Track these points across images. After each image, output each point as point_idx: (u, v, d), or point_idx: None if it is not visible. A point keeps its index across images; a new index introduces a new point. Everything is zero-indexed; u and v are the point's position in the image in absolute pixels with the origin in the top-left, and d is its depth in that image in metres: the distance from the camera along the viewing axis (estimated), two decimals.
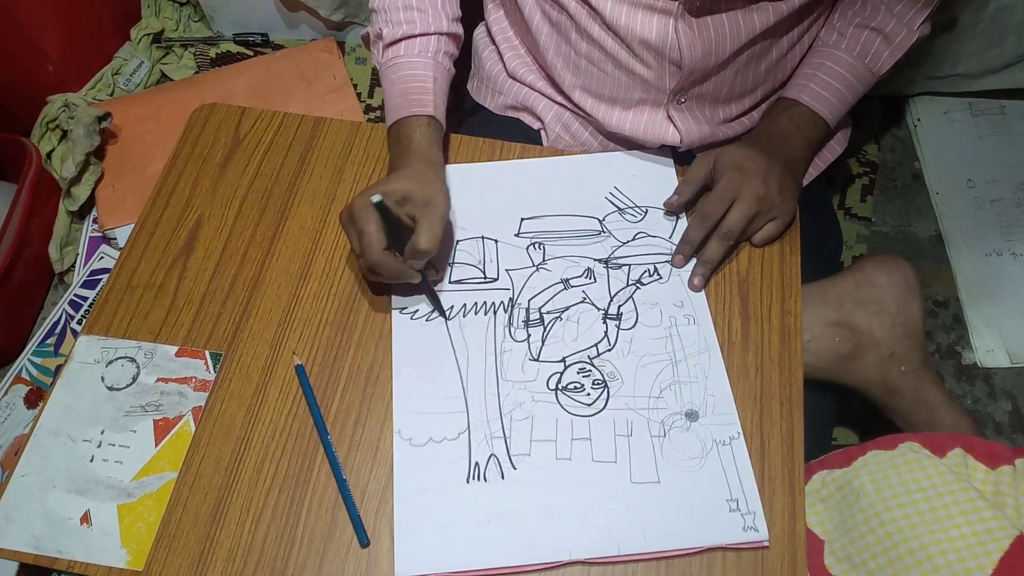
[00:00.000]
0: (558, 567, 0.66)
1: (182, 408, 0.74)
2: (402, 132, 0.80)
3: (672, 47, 0.77)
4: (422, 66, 0.82)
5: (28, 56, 1.18)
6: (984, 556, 0.62)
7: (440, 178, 0.77)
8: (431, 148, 0.79)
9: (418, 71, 0.82)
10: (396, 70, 0.83)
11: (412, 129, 0.79)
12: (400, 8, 0.83)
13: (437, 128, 0.81)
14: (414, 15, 0.83)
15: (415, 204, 0.73)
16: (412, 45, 0.83)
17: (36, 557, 0.67)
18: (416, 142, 0.78)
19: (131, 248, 0.83)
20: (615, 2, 0.76)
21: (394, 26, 0.83)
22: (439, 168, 0.79)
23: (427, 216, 0.72)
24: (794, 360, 0.75)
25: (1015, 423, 1.09)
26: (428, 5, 0.84)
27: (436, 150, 0.80)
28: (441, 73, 0.84)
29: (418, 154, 0.78)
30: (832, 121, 0.83)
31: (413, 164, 0.77)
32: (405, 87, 0.81)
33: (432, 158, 0.78)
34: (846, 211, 1.26)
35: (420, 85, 0.81)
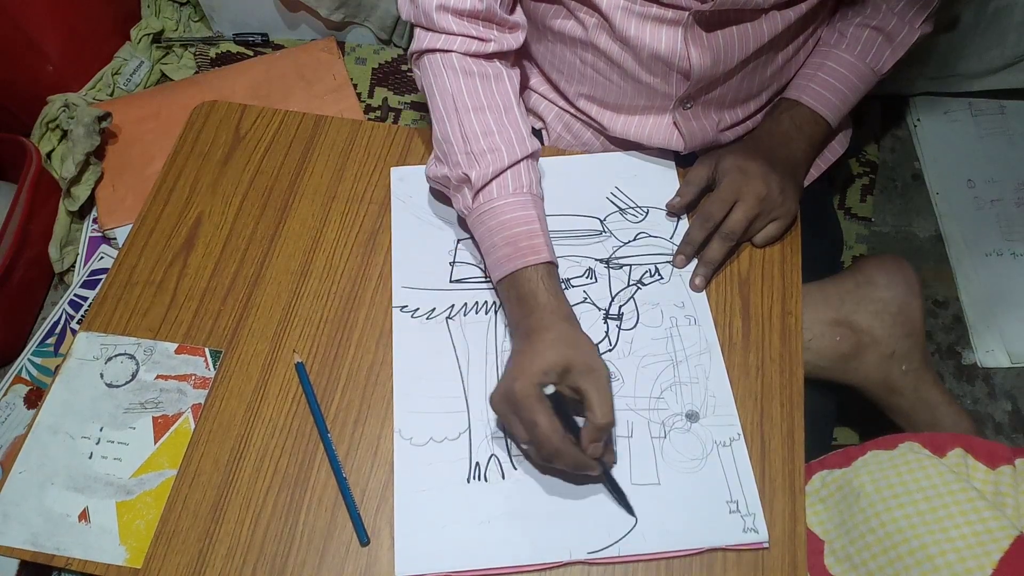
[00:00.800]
0: (558, 567, 0.66)
1: (181, 405, 0.73)
2: (522, 287, 0.71)
3: (681, 58, 0.76)
4: (522, 205, 0.74)
5: (28, 56, 1.18)
6: (984, 556, 0.62)
7: (584, 335, 0.70)
8: (560, 301, 0.71)
9: (519, 212, 0.74)
10: (493, 216, 0.74)
11: (533, 283, 0.71)
12: (479, 136, 0.75)
13: (556, 275, 0.73)
14: (496, 140, 0.74)
15: (576, 373, 0.66)
16: (504, 184, 0.74)
17: (34, 554, 0.67)
18: (543, 298, 0.70)
19: (131, 245, 0.83)
20: (624, 13, 0.75)
21: (479, 163, 0.74)
22: (577, 323, 0.71)
23: (595, 386, 0.65)
24: (795, 360, 0.75)
25: (1015, 423, 1.09)
26: (507, 125, 0.76)
27: (564, 302, 0.72)
28: (541, 209, 0.76)
29: (551, 312, 0.70)
30: (834, 121, 0.83)
31: (552, 326, 0.69)
32: (509, 234, 0.73)
33: (566, 312, 0.71)
34: (846, 211, 1.26)
35: (527, 229, 0.73)
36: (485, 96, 0.76)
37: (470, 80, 0.76)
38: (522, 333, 0.70)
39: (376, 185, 0.86)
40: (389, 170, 0.87)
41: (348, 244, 0.82)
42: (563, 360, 0.66)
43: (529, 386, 0.65)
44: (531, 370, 0.66)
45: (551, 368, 0.66)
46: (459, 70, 0.76)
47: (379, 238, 0.83)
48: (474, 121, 0.75)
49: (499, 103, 0.76)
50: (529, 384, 0.65)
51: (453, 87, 0.76)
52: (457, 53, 0.76)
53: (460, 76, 0.76)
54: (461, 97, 0.76)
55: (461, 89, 0.76)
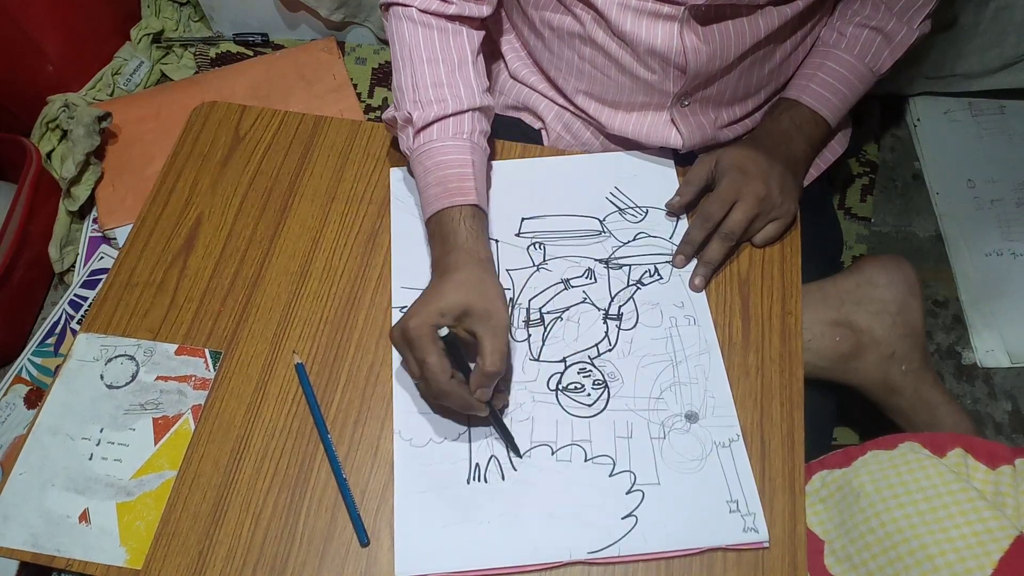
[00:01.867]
0: (558, 567, 0.66)
1: (181, 406, 0.73)
2: (445, 226, 0.73)
3: (677, 53, 0.77)
4: (458, 149, 0.76)
5: (28, 56, 1.18)
6: (984, 556, 0.62)
7: (494, 278, 0.71)
8: (478, 243, 0.73)
9: (454, 155, 0.76)
10: (430, 156, 0.76)
11: (456, 222, 0.73)
12: (429, 86, 0.77)
13: (481, 218, 0.75)
14: (444, 92, 0.77)
15: (475, 318, 0.67)
16: (445, 127, 0.77)
17: (35, 555, 0.67)
18: (462, 238, 0.72)
19: (131, 246, 0.83)
20: (620, 8, 0.75)
21: (424, 107, 0.76)
22: (490, 265, 0.72)
23: (490, 332, 0.66)
24: (795, 360, 0.75)
25: (1015, 423, 1.09)
26: (458, 79, 0.78)
27: (484, 244, 0.74)
28: (479, 155, 0.78)
29: (467, 252, 0.71)
30: (833, 121, 0.84)
31: (464, 266, 0.70)
32: (442, 174, 0.75)
33: (482, 255, 0.72)
34: (846, 211, 1.26)
35: (459, 171, 0.75)
36: (440, 49, 0.79)
37: (427, 32, 0.79)
38: (437, 271, 0.73)
39: (376, 185, 0.86)
40: (389, 170, 0.87)
41: (348, 245, 0.82)
42: (463, 302, 0.67)
43: (423, 325, 0.66)
44: (429, 309, 0.67)
45: (448, 310, 0.67)
46: (417, 22, 0.79)
47: (379, 238, 0.83)
48: (426, 72, 0.78)
49: (453, 57, 0.79)
50: (424, 323, 0.66)
51: (410, 37, 0.79)
52: (416, 8, 0.79)
53: (418, 27, 0.79)
54: (416, 48, 0.78)
55: (417, 40, 0.78)
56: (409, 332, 0.67)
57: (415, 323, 0.67)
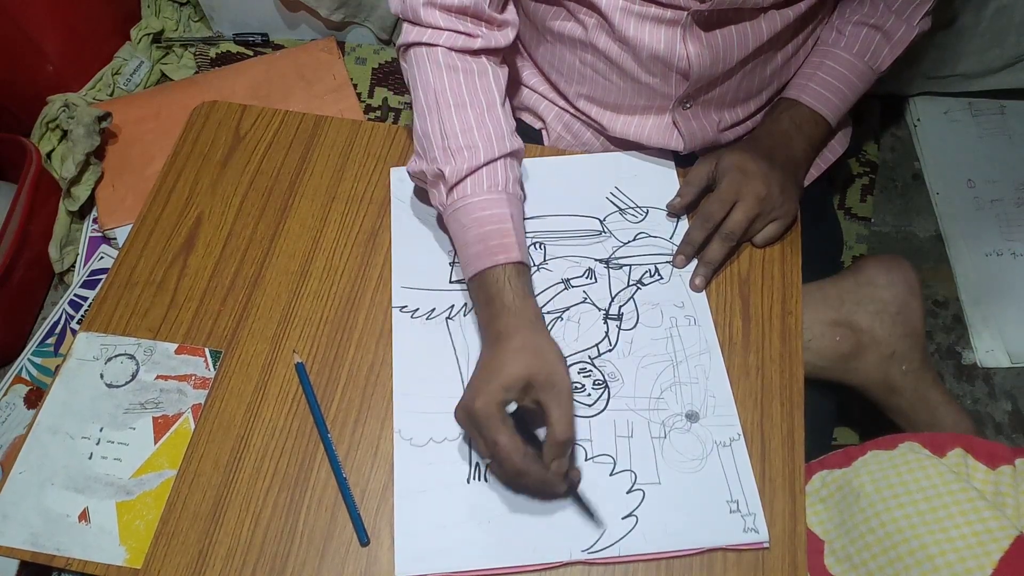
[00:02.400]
0: (558, 567, 0.66)
1: (181, 406, 0.73)
2: (490, 287, 0.70)
3: (680, 58, 0.76)
4: (495, 203, 0.72)
5: (28, 56, 1.18)
6: (984, 556, 0.62)
7: (548, 340, 0.68)
8: (526, 303, 0.70)
9: (492, 210, 0.72)
10: (467, 213, 0.72)
11: (500, 283, 0.70)
12: (458, 133, 0.73)
13: (526, 274, 0.72)
14: (474, 138, 0.73)
15: (538, 388, 0.65)
16: (479, 181, 0.73)
17: (34, 554, 0.67)
18: (508, 299, 0.69)
19: (131, 245, 0.83)
20: (623, 14, 0.75)
21: (455, 158, 0.73)
22: (541, 324, 0.70)
23: (556, 401, 0.64)
24: (795, 361, 0.75)
25: (1015, 423, 1.09)
26: (488, 123, 0.74)
27: (532, 303, 0.70)
28: (516, 207, 0.74)
29: (516, 316, 0.68)
30: (833, 120, 0.84)
31: (516, 332, 0.67)
32: (481, 231, 0.71)
33: (531, 315, 0.69)
34: (846, 211, 1.26)
35: (498, 227, 0.72)
36: (468, 92, 0.75)
37: (454, 75, 0.75)
38: (489, 338, 0.69)
39: (376, 185, 0.86)
40: (389, 170, 0.87)
41: (348, 244, 0.82)
42: (525, 374, 0.65)
43: (491, 404, 0.64)
44: (492, 387, 0.64)
45: (512, 384, 0.64)
46: (443, 65, 0.75)
47: (379, 238, 0.83)
48: (454, 117, 0.74)
49: (481, 100, 0.75)
50: (491, 402, 0.64)
51: (436, 82, 0.75)
52: (443, 48, 0.75)
53: (444, 71, 0.75)
54: (444, 92, 0.75)
55: (444, 84, 0.75)
56: (476, 414, 0.64)
57: (481, 403, 0.64)
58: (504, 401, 0.64)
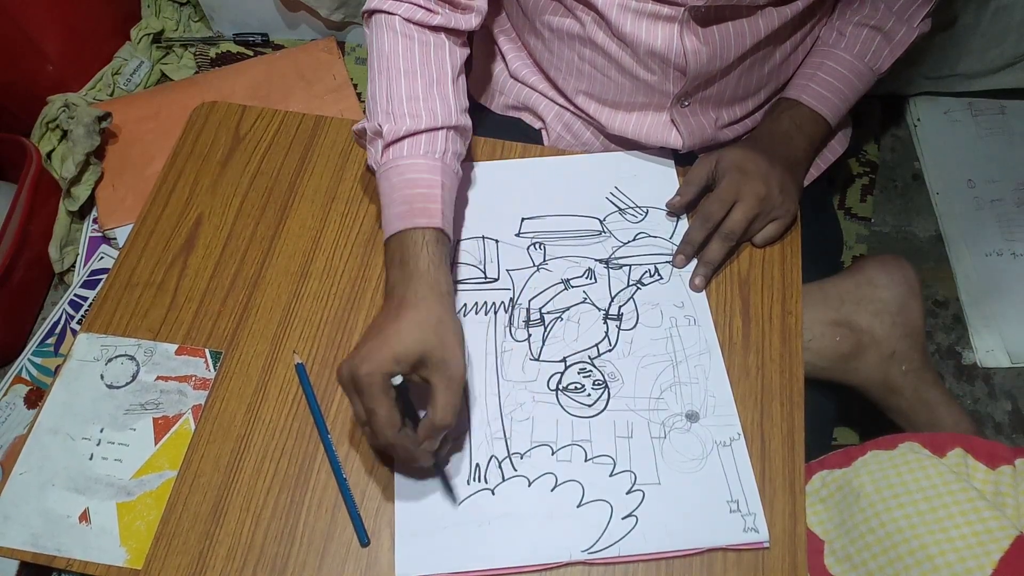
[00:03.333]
0: (558, 567, 0.66)
1: (182, 406, 0.73)
2: (406, 249, 0.69)
3: (677, 54, 0.76)
4: (428, 169, 0.72)
5: (28, 56, 1.18)
6: (984, 556, 0.62)
7: (453, 318, 0.66)
8: (439, 272, 0.68)
9: (423, 174, 0.71)
10: (397, 172, 0.72)
11: (417, 246, 0.68)
12: (404, 99, 0.73)
13: (445, 243, 0.70)
14: (419, 106, 0.73)
15: (431, 367, 0.63)
16: (416, 143, 0.72)
17: (35, 555, 0.67)
18: (423, 264, 0.68)
19: (131, 246, 0.83)
20: (620, 9, 0.75)
21: (396, 120, 0.72)
22: (450, 300, 0.68)
23: (444, 384, 0.63)
24: (795, 361, 0.75)
25: (1015, 423, 1.09)
26: (435, 94, 0.74)
27: (444, 274, 0.69)
28: (450, 178, 0.73)
29: (427, 284, 0.67)
30: (833, 120, 0.84)
31: (423, 302, 0.65)
32: (408, 192, 0.71)
33: (443, 287, 0.68)
34: (846, 211, 1.26)
35: (426, 191, 0.71)
36: (420, 62, 0.75)
37: (408, 43, 0.75)
38: (393, 301, 0.67)
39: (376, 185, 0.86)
40: None
41: (348, 245, 0.82)
42: (419, 349, 0.63)
43: (376, 373, 0.61)
44: (383, 355, 0.62)
45: (404, 358, 0.62)
46: (399, 32, 0.75)
47: (379, 238, 0.83)
48: (402, 83, 0.74)
49: (433, 72, 0.75)
50: (376, 371, 0.61)
51: (389, 47, 0.75)
52: (400, 17, 0.76)
53: (399, 38, 0.75)
54: (395, 58, 0.75)
55: (396, 51, 0.75)
56: (360, 380, 0.62)
57: (367, 370, 0.61)
58: (391, 373, 0.62)
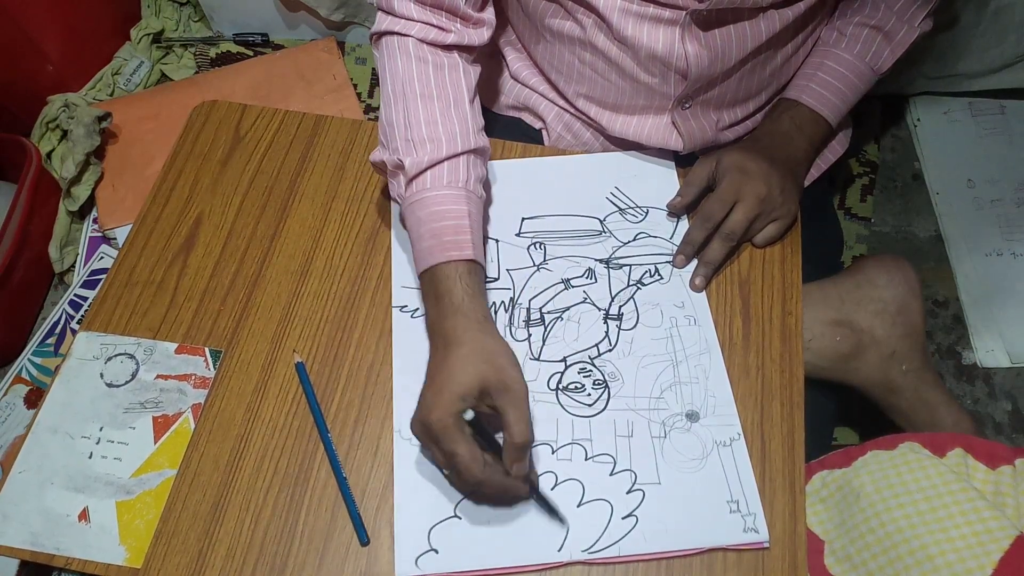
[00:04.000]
0: (558, 567, 0.66)
1: (181, 405, 0.73)
2: (439, 284, 0.69)
3: (679, 58, 0.76)
4: (453, 199, 0.71)
5: (28, 56, 1.18)
6: (984, 556, 0.62)
7: (499, 343, 0.67)
8: (475, 303, 0.68)
9: (449, 206, 0.71)
10: (423, 206, 0.71)
11: (451, 280, 0.68)
12: (422, 124, 0.72)
13: (479, 273, 0.70)
14: (437, 131, 0.72)
15: (494, 394, 0.64)
16: (439, 175, 0.72)
17: (34, 554, 0.67)
18: (458, 298, 0.67)
19: (131, 245, 0.83)
20: (622, 13, 0.75)
21: (416, 150, 0.71)
22: (490, 326, 0.68)
23: (511, 404, 0.63)
24: (795, 361, 0.75)
25: (1015, 423, 1.09)
26: (453, 117, 0.73)
27: (481, 303, 0.69)
28: (475, 206, 0.73)
29: (465, 317, 0.67)
30: (834, 120, 0.84)
31: (466, 337, 0.66)
32: (436, 226, 0.70)
33: (481, 316, 0.68)
34: (846, 211, 1.26)
35: (455, 223, 0.70)
36: (436, 85, 0.74)
37: (422, 67, 0.74)
38: (438, 341, 0.68)
39: (376, 185, 0.86)
40: None
41: (348, 244, 0.82)
42: (478, 381, 0.63)
43: (446, 416, 0.62)
44: (446, 398, 0.63)
45: (467, 393, 0.63)
46: (413, 56, 0.74)
47: (379, 238, 0.83)
48: (419, 108, 0.73)
49: (449, 94, 0.75)
50: (446, 414, 0.62)
51: (404, 71, 0.74)
52: (414, 39, 0.75)
53: (413, 61, 0.74)
54: (411, 83, 0.74)
55: (412, 74, 0.74)
56: (433, 427, 0.62)
57: (437, 416, 0.62)
58: (460, 411, 0.63)
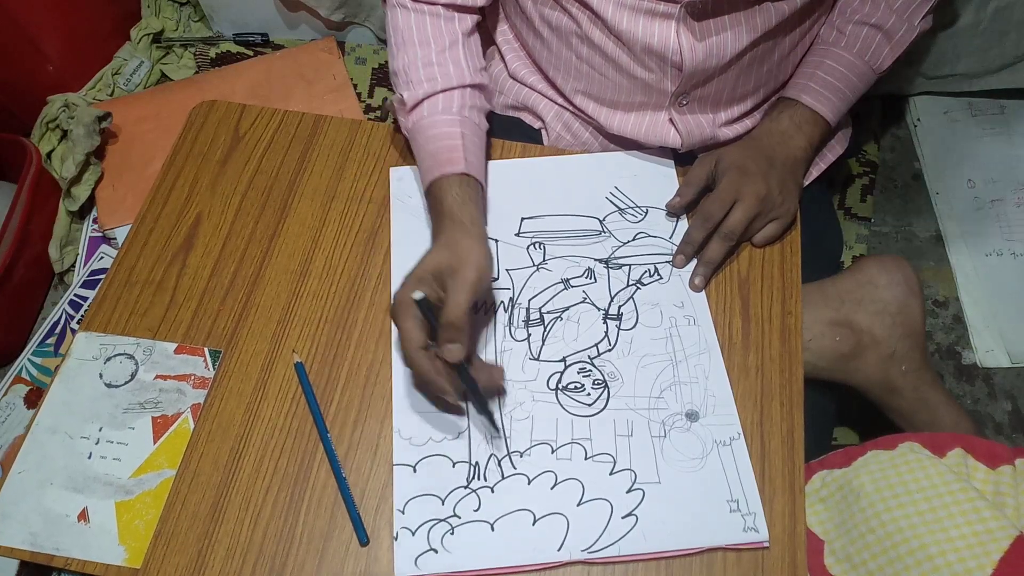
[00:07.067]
0: (558, 567, 0.66)
1: (181, 405, 0.73)
2: (435, 197, 0.75)
3: (674, 51, 0.77)
4: (448, 123, 0.78)
5: (28, 56, 1.18)
6: (984, 556, 0.62)
7: (473, 239, 0.70)
8: (463, 208, 0.73)
9: (444, 129, 0.78)
10: (421, 132, 0.79)
11: (443, 191, 0.74)
12: (419, 66, 0.80)
13: (471, 185, 0.76)
14: (433, 71, 0.79)
15: (445, 277, 0.67)
16: (435, 103, 0.79)
17: (33, 554, 0.67)
18: (448, 205, 0.73)
19: (130, 244, 0.83)
20: (616, 7, 0.75)
21: (414, 87, 0.79)
22: (472, 228, 0.72)
23: (455, 284, 0.66)
24: (794, 360, 0.75)
25: (1015, 423, 1.09)
26: (448, 59, 0.80)
27: (470, 209, 0.74)
28: (470, 128, 0.79)
29: (450, 219, 0.72)
30: (833, 120, 0.83)
31: (444, 232, 0.71)
32: (433, 148, 0.77)
33: (463, 219, 0.72)
34: (846, 211, 1.26)
35: (448, 143, 0.77)
36: (432, 32, 0.81)
37: (420, 17, 0.81)
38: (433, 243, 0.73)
39: (376, 184, 0.86)
40: (389, 170, 0.87)
41: (348, 244, 0.82)
42: (435, 263, 0.68)
43: (402, 292, 0.67)
44: (408, 278, 0.68)
45: (422, 275, 0.68)
46: (411, 8, 0.82)
47: (379, 238, 0.83)
48: (417, 52, 0.81)
49: (444, 38, 0.81)
50: (403, 293, 0.67)
51: (403, 22, 0.82)
52: None
53: (412, 13, 0.81)
54: (409, 31, 0.81)
55: (410, 25, 0.81)
56: (393, 304, 0.68)
57: (399, 292, 0.68)
58: (414, 289, 0.67)
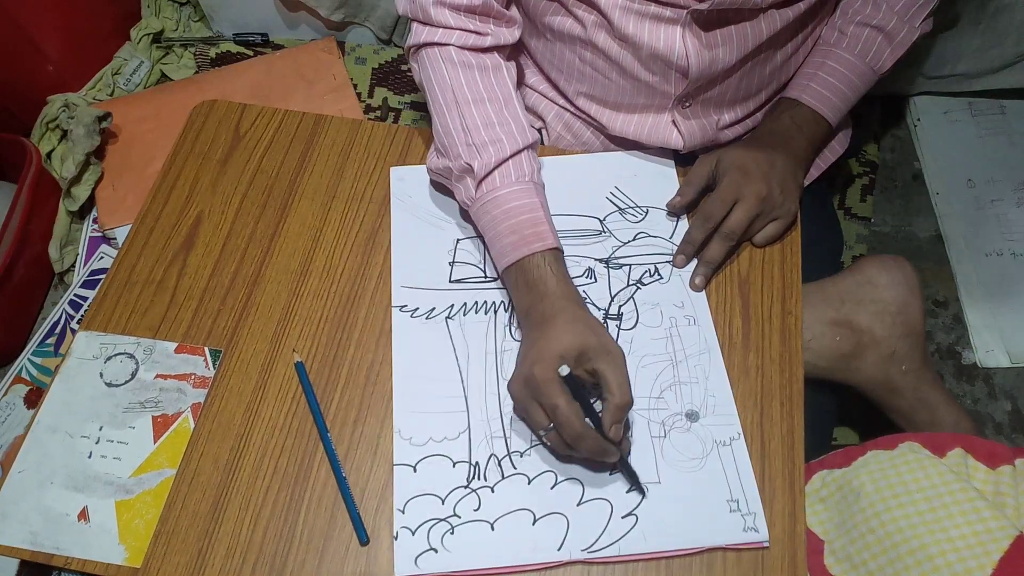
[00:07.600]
0: (558, 567, 0.66)
1: (181, 405, 0.73)
2: (529, 273, 0.72)
3: (680, 56, 0.77)
4: (525, 194, 0.75)
5: (28, 56, 1.18)
6: (984, 556, 0.62)
7: (595, 318, 0.70)
8: (569, 286, 0.72)
9: (522, 200, 0.74)
10: (497, 204, 0.75)
11: (541, 269, 0.72)
12: (480, 127, 0.76)
13: (562, 260, 0.75)
14: (497, 132, 0.76)
15: (593, 356, 0.66)
16: (507, 173, 0.75)
17: (33, 553, 0.67)
18: (552, 284, 0.71)
19: (130, 244, 0.83)
20: (623, 11, 0.75)
21: (481, 153, 0.75)
22: (585, 305, 0.72)
23: (611, 366, 0.65)
24: (795, 360, 0.75)
25: (1015, 423, 1.09)
26: (508, 116, 0.77)
27: (573, 286, 0.73)
28: (543, 196, 0.77)
29: (561, 297, 0.70)
30: (834, 120, 0.84)
31: (564, 311, 0.69)
32: (514, 222, 0.74)
33: (576, 297, 0.72)
34: (846, 211, 1.26)
35: (531, 217, 0.74)
36: (485, 88, 0.77)
37: (469, 72, 0.77)
38: (534, 321, 0.71)
39: (376, 185, 0.86)
40: (389, 170, 0.87)
41: (348, 244, 0.83)
42: (579, 343, 0.66)
43: (548, 370, 0.65)
44: (548, 355, 0.66)
45: (567, 351, 0.66)
46: (457, 63, 0.77)
47: (379, 238, 0.83)
48: (475, 113, 0.76)
49: (499, 95, 0.78)
50: (548, 368, 0.65)
51: (452, 80, 0.77)
52: (455, 47, 0.77)
53: (459, 68, 0.77)
54: (461, 89, 0.77)
55: (460, 81, 0.77)
56: (535, 379, 0.65)
57: (539, 369, 0.65)
58: (560, 367, 0.65)
